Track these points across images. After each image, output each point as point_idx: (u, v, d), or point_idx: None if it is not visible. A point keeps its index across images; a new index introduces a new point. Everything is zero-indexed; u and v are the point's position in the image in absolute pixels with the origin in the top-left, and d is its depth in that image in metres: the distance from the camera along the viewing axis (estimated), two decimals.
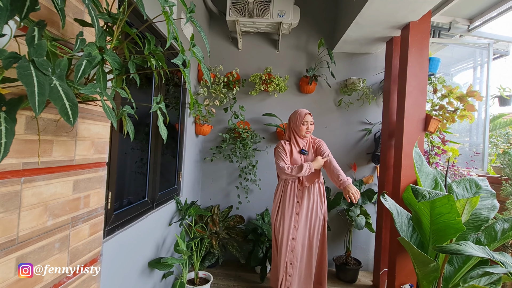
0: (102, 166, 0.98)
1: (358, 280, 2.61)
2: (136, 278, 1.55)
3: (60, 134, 0.77)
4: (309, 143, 2.13)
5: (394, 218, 1.79)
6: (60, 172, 0.78)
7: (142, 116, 1.68)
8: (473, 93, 2.08)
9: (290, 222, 2.03)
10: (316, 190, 2.08)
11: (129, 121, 0.79)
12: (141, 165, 1.70)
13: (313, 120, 2.07)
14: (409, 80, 2.10)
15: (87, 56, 0.51)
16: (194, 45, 0.75)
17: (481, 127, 2.75)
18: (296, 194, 2.07)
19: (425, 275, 1.60)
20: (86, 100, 0.76)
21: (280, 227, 2.05)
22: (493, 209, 1.68)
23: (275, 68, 2.88)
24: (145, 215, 1.66)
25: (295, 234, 2.02)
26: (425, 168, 1.86)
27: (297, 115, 2.06)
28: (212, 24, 2.95)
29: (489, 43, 2.65)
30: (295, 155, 2.08)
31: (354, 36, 2.44)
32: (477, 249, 1.30)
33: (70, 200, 0.83)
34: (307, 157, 2.09)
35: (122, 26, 0.72)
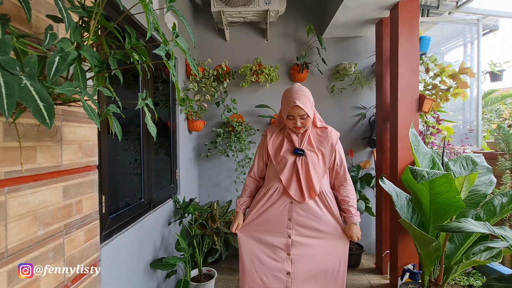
0: (92, 169, 0.95)
1: (362, 264, 2.64)
2: (139, 280, 1.53)
3: (43, 140, 0.73)
4: (314, 137, 1.44)
5: (394, 200, 1.79)
6: (47, 179, 0.75)
7: (132, 116, 1.63)
8: (466, 70, 2.07)
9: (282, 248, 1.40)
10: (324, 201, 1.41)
11: (115, 121, 0.75)
12: (135, 166, 1.67)
13: (307, 114, 1.33)
14: (400, 61, 2.07)
15: (60, 52, 0.47)
16: (177, 35, 0.71)
17: (474, 104, 2.76)
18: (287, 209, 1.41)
19: (427, 254, 1.62)
20: (68, 101, 0.72)
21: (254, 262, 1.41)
22: (490, 184, 1.69)
23: (265, 58, 2.82)
24: (142, 216, 1.63)
25: (290, 266, 1.40)
26: (421, 148, 1.86)
27: (283, 99, 1.40)
28: (197, 16, 2.87)
29: (478, 19, 2.63)
30: (284, 152, 1.41)
31: (343, 19, 2.40)
32: (477, 225, 1.30)
33: (61, 207, 0.80)
34: (307, 160, 1.38)
35: (99, 20, 0.68)
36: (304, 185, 1.37)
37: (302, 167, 1.39)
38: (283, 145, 1.43)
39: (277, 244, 1.40)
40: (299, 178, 1.38)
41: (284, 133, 1.47)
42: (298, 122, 1.35)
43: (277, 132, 1.48)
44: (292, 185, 1.39)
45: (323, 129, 1.47)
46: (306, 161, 1.39)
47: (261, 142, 1.52)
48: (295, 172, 1.39)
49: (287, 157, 1.40)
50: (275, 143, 1.45)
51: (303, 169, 1.39)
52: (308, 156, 1.39)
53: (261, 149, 1.51)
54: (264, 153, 1.50)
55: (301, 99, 1.33)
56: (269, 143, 1.45)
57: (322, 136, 1.44)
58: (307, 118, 1.36)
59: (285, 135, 1.46)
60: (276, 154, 1.44)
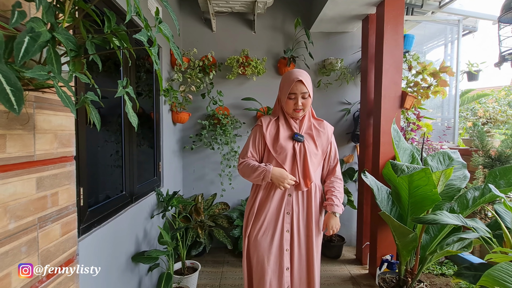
0: (69, 160, 0.90)
1: (343, 255, 2.72)
2: (120, 274, 1.50)
3: (13, 128, 0.68)
4: (311, 127, 1.40)
5: (375, 193, 1.84)
6: (19, 169, 0.70)
7: (113, 106, 1.57)
8: (446, 68, 2.14)
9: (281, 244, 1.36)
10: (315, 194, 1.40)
11: (93, 110, 0.72)
12: (117, 158, 1.61)
13: (308, 92, 1.30)
14: (385, 57, 2.11)
15: (30, 32, 0.43)
16: (160, 21, 0.68)
17: (452, 103, 2.87)
18: (285, 202, 1.37)
19: (405, 245, 1.68)
20: (41, 87, 0.67)
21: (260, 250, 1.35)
22: (464, 179, 1.77)
23: (252, 50, 2.79)
24: (124, 209, 1.59)
25: (288, 261, 1.36)
26: (402, 144, 1.92)
27: (284, 79, 1.35)
28: (183, 4, 2.78)
29: (459, 19, 2.72)
30: (283, 140, 1.35)
31: (331, 14, 2.40)
32: (452, 218, 1.37)
33: (35, 200, 0.76)
34: (305, 147, 1.35)
35: (75, 1, 0.63)
36: (300, 172, 1.34)
37: (300, 153, 1.35)
38: (280, 132, 1.36)
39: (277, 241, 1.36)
40: (297, 164, 1.34)
41: (279, 122, 1.39)
42: (300, 102, 1.29)
43: (273, 121, 1.40)
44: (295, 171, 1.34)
45: (319, 121, 1.44)
46: (304, 148, 1.35)
47: (254, 132, 1.41)
48: (295, 158, 1.35)
49: (285, 145, 1.34)
50: (271, 133, 1.38)
51: (301, 156, 1.35)
52: (306, 143, 1.36)
53: (254, 139, 1.40)
54: (260, 143, 1.39)
55: (303, 76, 1.30)
56: (266, 134, 1.37)
57: (319, 128, 1.42)
58: (308, 98, 1.31)
59: (281, 123, 1.39)
60: (274, 144, 1.36)
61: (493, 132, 2.52)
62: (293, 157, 1.35)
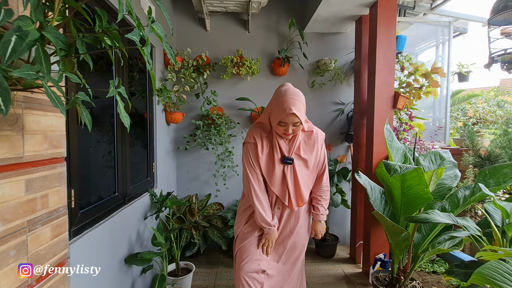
0: (60, 162, 0.88)
1: (336, 254, 2.74)
2: (113, 276, 1.48)
3: (1, 128, 0.66)
4: (300, 146, 1.38)
5: (368, 193, 1.86)
6: (7, 171, 0.68)
7: (105, 106, 1.55)
8: (437, 69, 2.17)
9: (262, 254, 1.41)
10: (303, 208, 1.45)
11: (84, 110, 0.70)
12: (109, 159, 1.59)
13: (300, 121, 1.26)
14: (378, 58, 2.13)
15: (17, 31, 0.42)
16: (153, 20, 0.67)
17: (443, 103, 2.92)
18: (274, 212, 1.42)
19: (397, 244, 1.70)
20: (30, 87, 0.66)
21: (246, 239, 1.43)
22: (455, 178, 1.80)
23: (247, 50, 2.78)
24: (116, 211, 1.57)
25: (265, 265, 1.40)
26: (395, 144, 1.94)
27: (276, 104, 1.27)
28: (176, 4, 2.76)
29: (450, 21, 2.76)
30: (274, 163, 1.34)
31: (325, 15, 2.41)
32: (443, 216, 1.39)
33: (24, 202, 0.74)
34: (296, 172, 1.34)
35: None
36: (292, 194, 1.36)
37: (291, 177, 1.35)
38: (272, 155, 1.35)
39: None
40: (287, 187, 1.35)
41: (270, 139, 1.37)
42: (290, 130, 1.27)
43: (265, 138, 1.37)
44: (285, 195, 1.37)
45: (309, 133, 1.40)
46: (294, 170, 1.35)
47: (250, 150, 1.36)
48: (285, 181, 1.35)
49: (277, 168, 1.34)
50: (265, 154, 1.36)
51: (292, 179, 1.35)
52: (296, 165, 1.35)
53: (250, 159, 1.36)
54: (255, 163, 1.36)
55: (296, 105, 1.23)
56: (262, 157, 1.34)
57: (309, 142, 1.40)
58: (299, 125, 1.28)
59: (272, 142, 1.36)
60: (267, 169, 1.35)
61: (483, 132, 2.57)
62: (282, 180, 1.36)
